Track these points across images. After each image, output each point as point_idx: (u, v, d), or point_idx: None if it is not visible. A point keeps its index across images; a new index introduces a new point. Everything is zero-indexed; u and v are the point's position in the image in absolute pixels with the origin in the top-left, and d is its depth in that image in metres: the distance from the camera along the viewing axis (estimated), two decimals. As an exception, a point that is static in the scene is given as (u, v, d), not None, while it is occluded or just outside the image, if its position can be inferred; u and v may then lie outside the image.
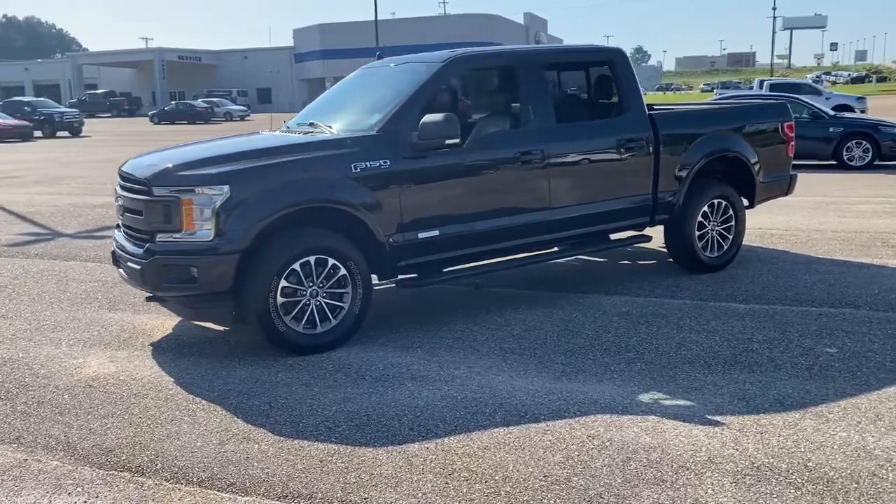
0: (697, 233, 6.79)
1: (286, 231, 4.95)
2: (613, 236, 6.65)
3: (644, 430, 3.79)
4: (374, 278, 5.42)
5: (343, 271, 5.10)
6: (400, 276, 5.54)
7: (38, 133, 37.91)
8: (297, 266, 4.93)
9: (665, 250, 7.20)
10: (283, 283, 4.90)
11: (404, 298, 6.37)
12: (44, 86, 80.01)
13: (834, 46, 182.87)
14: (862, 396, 4.14)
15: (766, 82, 27.49)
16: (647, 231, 6.77)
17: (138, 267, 4.95)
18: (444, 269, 5.71)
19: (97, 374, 4.82)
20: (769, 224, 9.26)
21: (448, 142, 5.25)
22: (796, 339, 5.10)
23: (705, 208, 6.81)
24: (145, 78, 76.89)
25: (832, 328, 5.31)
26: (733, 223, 7.00)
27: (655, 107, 7.48)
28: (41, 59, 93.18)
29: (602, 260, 7.73)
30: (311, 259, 4.98)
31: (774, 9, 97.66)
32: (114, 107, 63.27)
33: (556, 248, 6.41)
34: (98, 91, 67.10)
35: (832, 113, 16.09)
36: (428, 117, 5.22)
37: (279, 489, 3.34)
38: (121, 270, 5.32)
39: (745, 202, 7.23)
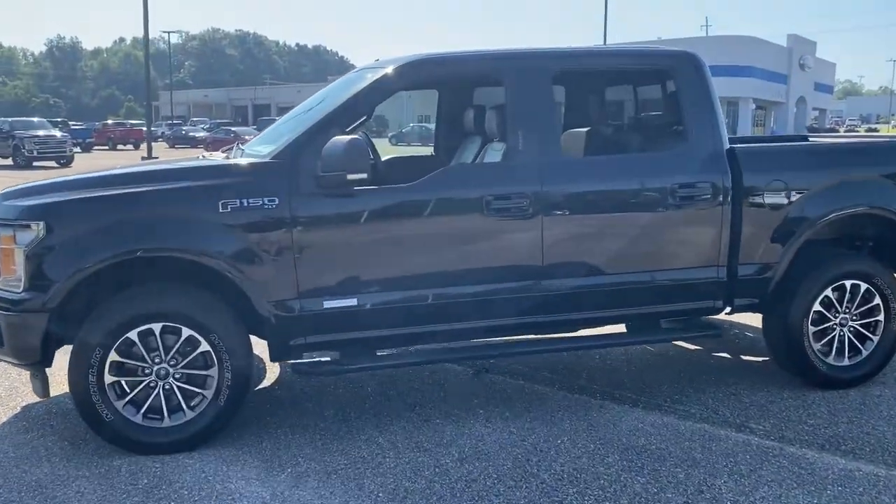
0: (813, 328, 4.49)
1: (123, 287, 3.70)
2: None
3: None
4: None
5: (205, 346, 3.73)
6: (311, 359, 4.03)
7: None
8: (133, 335, 3.65)
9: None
10: (112, 356, 3.64)
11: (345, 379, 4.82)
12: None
13: None
14: None
15: None
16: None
17: (-31, 316, 3.96)
18: (379, 353, 4.12)
19: None
20: None
21: (351, 177, 3.68)
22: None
23: (828, 292, 4.48)
24: (398, 102, 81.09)
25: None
26: (881, 317, 4.57)
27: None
28: (310, 83, 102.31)
29: (692, 347, 5.55)
30: (156, 327, 3.67)
31: None
32: (361, 127, 67.19)
33: (577, 334, 4.51)
34: (351, 112, 71.74)
35: None
36: (330, 143, 3.71)
37: None
38: None
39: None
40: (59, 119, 52.15)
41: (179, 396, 3.75)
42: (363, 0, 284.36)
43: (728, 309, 4.47)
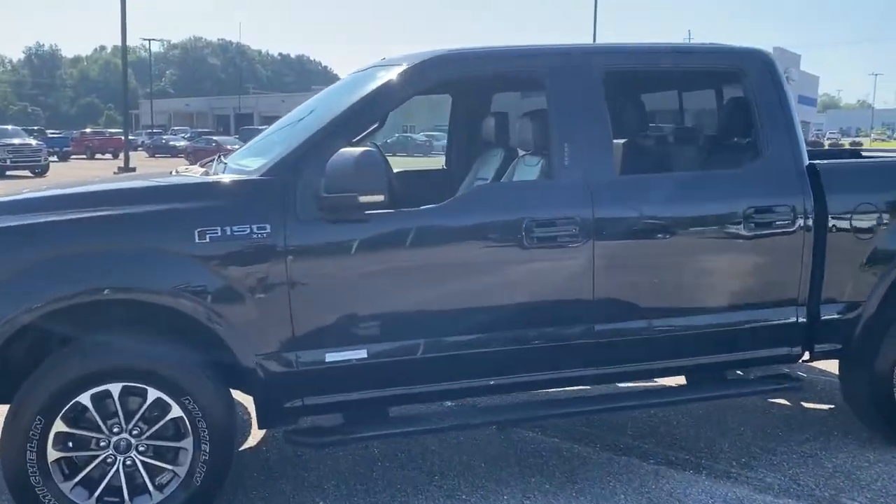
0: (902, 378, 3.80)
1: (67, 339, 2.93)
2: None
3: None
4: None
5: (177, 412, 2.96)
6: (308, 425, 3.27)
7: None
8: (85, 398, 2.88)
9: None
10: (57, 425, 2.87)
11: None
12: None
13: None
14: None
15: None
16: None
17: None
18: (392, 414, 3.37)
19: None
20: None
21: (364, 199, 2.94)
22: None
23: (921, 335, 3.79)
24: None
25: None
26: (983, 366, 3.88)
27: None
28: (294, 93, 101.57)
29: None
30: (114, 388, 2.90)
31: None
32: (370, 136, 66.87)
33: (628, 387, 3.80)
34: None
35: None
36: (337, 156, 2.97)
37: None
38: None
39: None
40: (34, 127, 50.98)
41: (144, 475, 2.97)
42: (347, 11, 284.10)
43: (806, 356, 3.76)
